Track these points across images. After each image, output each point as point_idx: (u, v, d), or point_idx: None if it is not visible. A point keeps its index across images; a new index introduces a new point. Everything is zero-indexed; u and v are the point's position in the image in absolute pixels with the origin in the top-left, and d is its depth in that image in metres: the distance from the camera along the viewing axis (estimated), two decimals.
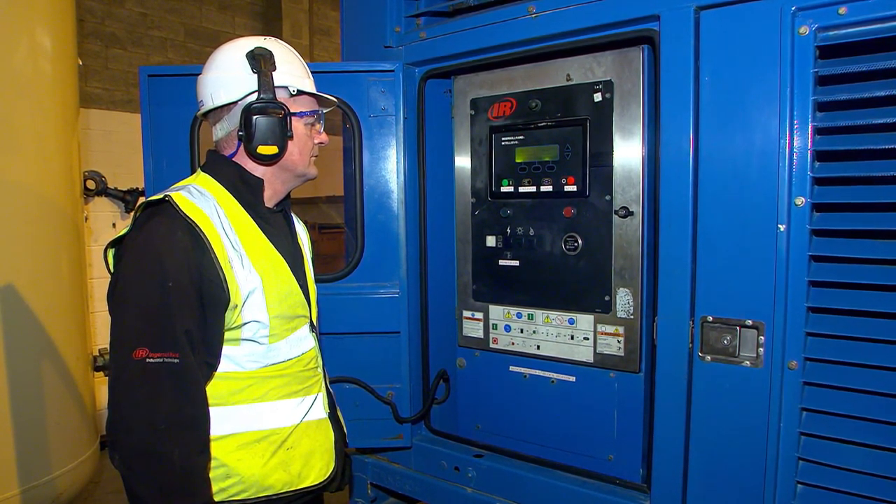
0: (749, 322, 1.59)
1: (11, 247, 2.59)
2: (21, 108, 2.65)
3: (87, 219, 4.59)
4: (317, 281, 1.87)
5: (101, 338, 4.52)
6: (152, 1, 5.60)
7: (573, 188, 2.04)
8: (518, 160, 2.16)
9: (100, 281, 4.61)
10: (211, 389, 1.40)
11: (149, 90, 2.13)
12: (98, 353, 3.70)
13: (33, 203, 2.69)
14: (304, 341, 1.57)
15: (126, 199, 5.21)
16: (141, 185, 4.93)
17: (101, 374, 3.59)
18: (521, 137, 2.15)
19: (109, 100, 5.32)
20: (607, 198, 1.99)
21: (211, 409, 1.37)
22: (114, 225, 5.22)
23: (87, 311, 3.23)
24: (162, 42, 5.71)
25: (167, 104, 2.12)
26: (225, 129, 1.51)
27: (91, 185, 5.00)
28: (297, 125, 1.53)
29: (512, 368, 2.26)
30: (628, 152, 1.94)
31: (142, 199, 1.42)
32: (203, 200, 1.41)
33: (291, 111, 1.49)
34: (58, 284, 2.85)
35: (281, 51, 1.53)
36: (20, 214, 2.63)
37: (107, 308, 1.37)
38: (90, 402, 3.11)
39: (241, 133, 1.46)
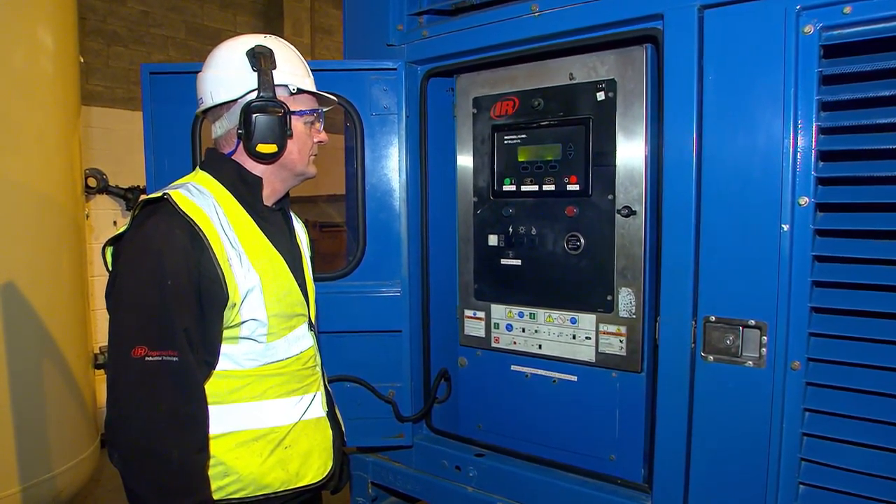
0: (752, 322, 1.58)
1: (12, 244, 2.59)
2: (22, 106, 2.64)
3: (88, 216, 4.58)
4: (319, 279, 1.86)
5: (102, 335, 4.51)
6: None
7: (576, 187, 2.03)
8: (520, 159, 2.15)
9: (100, 279, 4.61)
10: (209, 388, 1.39)
11: (150, 88, 2.13)
12: (99, 351, 3.70)
13: (34, 201, 2.69)
14: (302, 340, 1.57)
15: (127, 196, 5.21)
16: (142, 183, 4.94)
17: (102, 371, 3.59)
18: (523, 136, 2.14)
19: (111, 97, 5.32)
20: (610, 197, 1.98)
21: (209, 407, 1.37)
22: (115, 223, 5.23)
23: (88, 309, 3.23)
24: (163, 40, 5.70)
25: (169, 102, 2.12)
26: (224, 128, 1.51)
27: (92, 182, 5.01)
28: (297, 124, 1.52)
29: (513, 368, 2.25)
30: (631, 151, 1.93)
31: (143, 197, 1.42)
32: (202, 199, 1.41)
33: (291, 110, 1.49)
34: (58, 282, 2.85)
35: (281, 49, 1.52)
36: (21, 212, 2.63)
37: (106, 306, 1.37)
38: (91, 400, 3.11)
39: (240, 131, 1.46)
